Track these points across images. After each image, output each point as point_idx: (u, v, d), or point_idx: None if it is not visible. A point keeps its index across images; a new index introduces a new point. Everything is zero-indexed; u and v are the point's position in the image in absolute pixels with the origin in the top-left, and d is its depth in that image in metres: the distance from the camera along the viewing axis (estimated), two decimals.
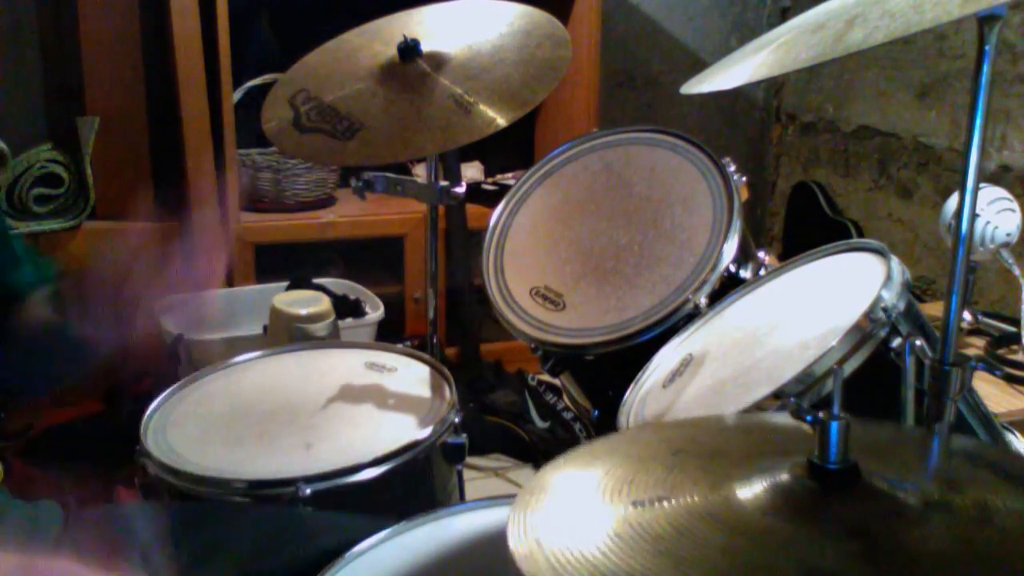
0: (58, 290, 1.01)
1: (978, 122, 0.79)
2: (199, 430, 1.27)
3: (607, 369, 1.35)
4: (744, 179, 1.38)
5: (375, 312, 2.24)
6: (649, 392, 1.18)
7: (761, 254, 1.38)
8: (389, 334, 2.24)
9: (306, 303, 1.80)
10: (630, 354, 1.26)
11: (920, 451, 0.76)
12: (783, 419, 0.82)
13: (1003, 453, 0.78)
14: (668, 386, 1.15)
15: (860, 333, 0.96)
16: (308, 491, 1.11)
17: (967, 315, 1.92)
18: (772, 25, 3.15)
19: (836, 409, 0.63)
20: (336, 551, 0.90)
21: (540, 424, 2.26)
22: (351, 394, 1.36)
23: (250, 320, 2.21)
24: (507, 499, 0.65)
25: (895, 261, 1.05)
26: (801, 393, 0.95)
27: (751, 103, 3.31)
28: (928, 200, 2.66)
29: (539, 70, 1.49)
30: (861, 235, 2.79)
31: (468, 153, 2.64)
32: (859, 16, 0.74)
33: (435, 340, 1.77)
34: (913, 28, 0.67)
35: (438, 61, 1.52)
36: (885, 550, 0.56)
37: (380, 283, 2.51)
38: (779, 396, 0.96)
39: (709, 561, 0.56)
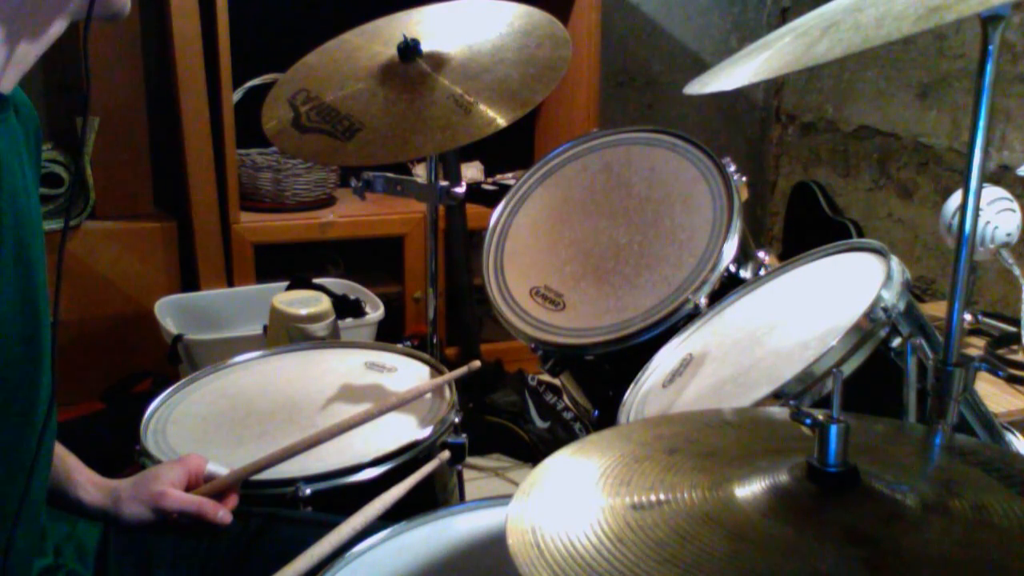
0: None
1: (981, 122, 0.79)
2: (199, 430, 1.27)
3: (607, 369, 1.35)
4: (744, 179, 1.38)
5: (375, 312, 2.24)
6: (649, 392, 1.18)
7: (761, 254, 1.38)
8: (389, 334, 2.24)
9: (306, 303, 1.80)
10: (630, 354, 1.26)
11: (919, 451, 0.76)
12: (775, 415, 0.82)
13: (998, 453, 0.78)
14: (668, 386, 1.15)
15: (860, 333, 0.96)
16: (308, 491, 1.11)
17: (967, 315, 1.92)
18: (772, 25, 3.15)
19: (836, 412, 0.63)
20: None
21: (540, 424, 2.26)
22: (351, 394, 1.36)
23: (250, 320, 2.22)
24: (507, 499, 0.65)
25: (895, 261, 1.05)
26: (801, 393, 0.95)
27: (751, 103, 3.31)
28: (928, 200, 2.66)
29: (539, 70, 1.49)
30: (861, 235, 2.79)
31: (468, 153, 2.64)
32: (834, 25, 0.74)
33: (435, 340, 1.77)
34: (870, 43, 0.66)
35: (438, 61, 1.52)
36: (886, 555, 0.56)
37: (380, 283, 2.52)
38: (779, 396, 0.96)
39: (714, 569, 0.55)
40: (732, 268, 1.31)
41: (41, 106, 2.49)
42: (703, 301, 1.27)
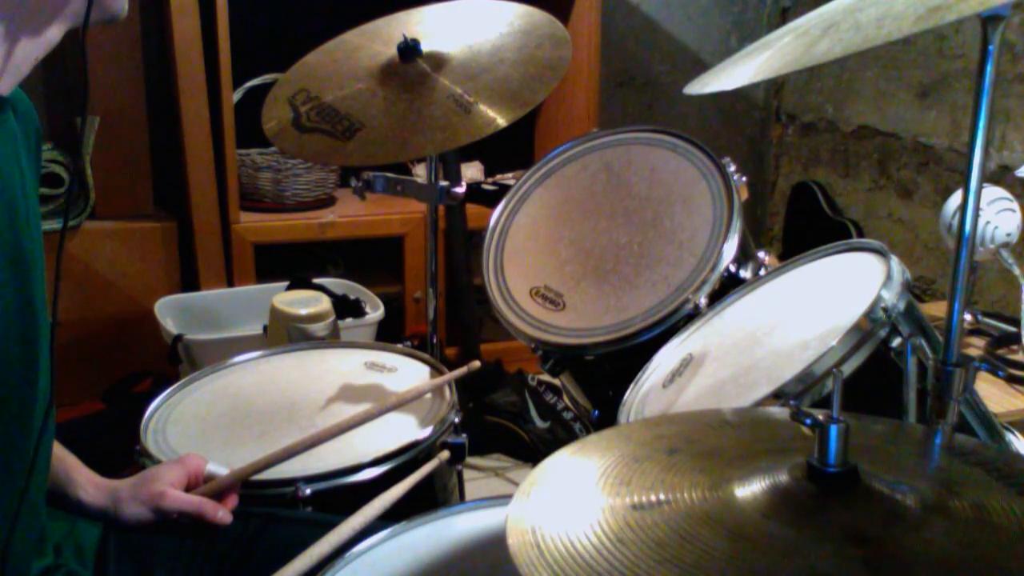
0: None
1: (981, 122, 0.79)
2: (199, 430, 1.27)
3: (607, 369, 1.35)
4: (744, 179, 1.38)
5: (375, 312, 2.24)
6: (649, 392, 1.18)
7: (761, 254, 1.38)
8: (389, 334, 2.24)
9: (306, 303, 1.80)
10: (630, 354, 1.26)
11: (919, 451, 0.76)
12: (775, 415, 0.82)
13: (998, 453, 0.78)
14: (668, 386, 1.15)
15: (860, 333, 0.96)
16: (308, 491, 1.11)
17: (967, 315, 1.92)
18: (772, 25, 3.15)
19: (836, 412, 0.63)
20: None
21: (540, 424, 2.26)
22: (351, 394, 1.36)
23: (250, 320, 2.22)
24: (507, 499, 0.65)
25: (895, 261, 1.05)
26: (801, 393, 0.95)
27: (751, 103, 3.31)
28: (928, 200, 2.66)
29: (539, 70, 1.49)
30: (861, 235, 2.79)
31: (468, 153, 2.64)
32: (834, 25, 0.74)
33: (435, 340, 1.77)
34: (870, 42, 0.66)
35: (438, 61, 1.52)
36: (886, 555, 0.56)
37: (380, 283, 2.51)
38: (779, 396, 0.96)
39: (714, 569, 0.55)
40: (732, 268, 1.31)
41: (41, 106, 2.49)
42: (703, 301, 1.27)
